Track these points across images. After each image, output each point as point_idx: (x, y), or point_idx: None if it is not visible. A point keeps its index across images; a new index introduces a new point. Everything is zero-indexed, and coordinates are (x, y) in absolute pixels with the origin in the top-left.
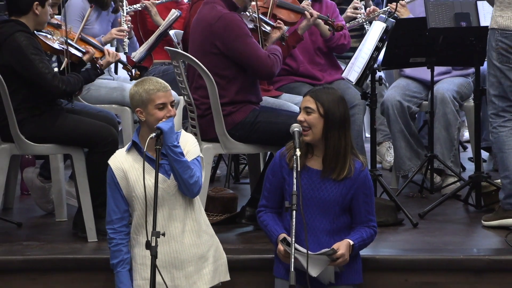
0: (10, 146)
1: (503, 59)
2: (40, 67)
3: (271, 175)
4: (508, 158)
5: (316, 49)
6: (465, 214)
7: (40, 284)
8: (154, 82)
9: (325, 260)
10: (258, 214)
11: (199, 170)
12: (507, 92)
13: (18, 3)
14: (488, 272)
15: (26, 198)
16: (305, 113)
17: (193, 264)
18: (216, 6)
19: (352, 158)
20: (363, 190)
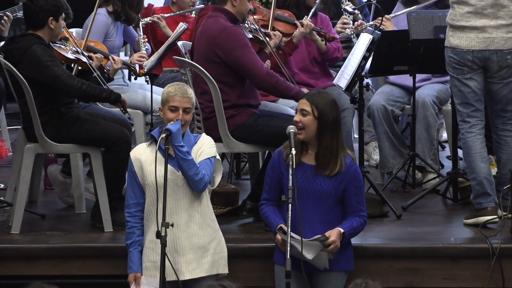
0: (34, 145)
1: (458, 72)
2: (55, 71)
3: (271, 171)
4: (475, 162)
5: (312, 59)
6: (444, 207)
7: (61, 270)
8: (177, 86)
9: (318, 245)
10: (261, 207)
11: (209, 169)
12: (468, 98)
13: (34, 19)
14: (464, 259)
15: (49, 192)
16: (301, 115)
17: (193, 252)
18: (219, 19)
19: (343, 154)
20: (354, 183)
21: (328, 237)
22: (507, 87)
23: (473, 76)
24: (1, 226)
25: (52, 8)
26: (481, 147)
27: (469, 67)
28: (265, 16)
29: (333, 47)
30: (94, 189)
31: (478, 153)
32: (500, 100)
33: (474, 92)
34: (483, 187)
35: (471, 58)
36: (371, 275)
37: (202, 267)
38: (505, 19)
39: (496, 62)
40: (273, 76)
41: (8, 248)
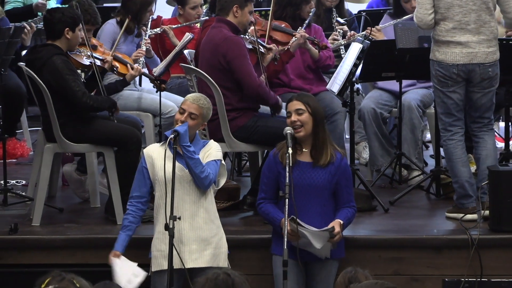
0: (53, 145)
1: (443, 84)
2: (73, 86)
3: (267, 172)
4: (456, 166)
5: (306, 67)
6: (427, 201)
7: (77, 259)
8: (194, 94)
9: (327, 236)
10: (259, 206)
11: (214, 169)
12: (451, 109)
13: (52, 29)
14: (446, 249)
15: (67, 188)
16: (297, 114)
17: (196, 244)
18: (223, 29)
19: (332, 148)
20: (344, 176)
21: (333, 228)
22: (486, 96)
23: (456, 89)
24: (23, 219)
25: (68, 20)
26: (462, 153)
27: (454, 80)
28: (264, 26)
29: (325, 55)
30: (107, 185)
31: (459, 159)
32: (479, 108)
33: (456, 103)
34: (464, 189)
35: (456, 71)
36: (361, 264)
37: (203, 258)
38: (486, 34)
39: (479, 74)
40: (262, 87)
41: (29, 239)
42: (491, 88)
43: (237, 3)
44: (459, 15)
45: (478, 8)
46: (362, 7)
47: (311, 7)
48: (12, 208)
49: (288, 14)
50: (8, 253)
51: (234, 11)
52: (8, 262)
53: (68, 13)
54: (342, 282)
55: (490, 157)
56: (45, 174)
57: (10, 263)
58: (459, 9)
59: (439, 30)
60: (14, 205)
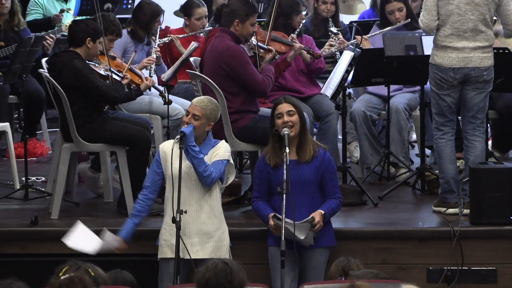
0: (70, 145)
1: (439, 87)
2: (95, 82)
3: (258, 173)
4: (445, 164)
5: (299, 71)
6: (413, 196)
7: None
8: (199, 97)
9: (308, 226)
10: (252, 203)
11: (219, 169)
12: (444, 111)
13: (75, 37)
14: (430, 240)
15: (82, 184)
16: (288, 115)
17: (199, 237)
18: (225, 39)
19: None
20: (328, 169)
21: (313, 218)
22: (479, 96)
23: (450, 93)
24: (43, 212)
25: (91, 31)
26: (451, 151)
27: (450, 84)
28: (263, 37)
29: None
30: (119, 181)
31: (448, 157)
32: (472, 107)
33: (449, 106)
34: (449, 185)
35: (453, 75)
36: (353, 253)
37: (205, 250)
38: (482, 42)
39: (474, 77)
40: (269, 85)
41: (49, 231)
42: (485, 89)
43: (238, 18)
44: (458, 23)
45: (475, 18)
46: (354, 17)
47: (302, 17)
48: (33, 203)
49: (280, 24)
50: (29, 244)
51: (235, 25)
52: (29, 252)
53: (91, 25)
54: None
55: (477, 161)
56: (63, 171)
57: (31, 252)
58: (458, 17)
59: (438, 35)
60: (34, 199)
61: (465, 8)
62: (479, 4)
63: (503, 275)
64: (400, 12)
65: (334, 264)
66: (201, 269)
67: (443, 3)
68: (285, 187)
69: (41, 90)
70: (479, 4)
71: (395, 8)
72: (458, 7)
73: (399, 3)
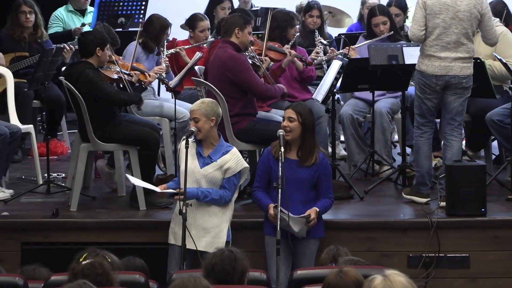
0: (87, 145)
1: (422, 91)
2: (105, 88)
3: (261, 165)
4: (421, 159)
5: (293, 78)
6: (395, 191)
7: (107, 238)
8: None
9: (303, 221)
10: (253, 192)
11: (233, 188)
12: (424, 113)
13: (86, 49)
14: (410, 230)
15: (98, 180)
16: (288, 121)
17: (197, 230)
18: (227, 49)
19: (317, 150)
20: (325, 172)
21: (309, 215)
22: (458, 100)
23: (432, 98)
24: (63, 205)
25: (99, 41)
26: (428, 149)
27: (432, 89)
28: (260, 47)
29: (308, 68)
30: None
31: (424, 154)
32: (451, 110)
33: (430, 109)
34: (423, 178)
35: (435, 81)
36: (341, 242)
37: (200, 243)
38: (463, 53)
39: (454, 83)
40: (269, 89)
41: (68, 222)
42: (464, 95)
43: (237, 26)
44: (442, 35)
45: (459, 32)
46: (343, 30)
47: (296, 30)
48: (54, 196)
49: (276, 36)
50: (51, 233)
51: (236, 33)
52: (51, 240)
53: (98, 35)
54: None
55: (453, 159)
56: (81, 168)
57: (53, 241)
58: (443, 30)
59: (425, 45)
60: (55, 194)
61: (450, 22)
62: (463, 19)
63: (475, 261)
64: (385, 25)
65: (325, 252)
66: (209, 255)
67: (431, 16)
68: (280, 182)
69: (61, 95)
70: (463, 19)
71: (380, 22)
72: (444, 21)
73: (384, 17)
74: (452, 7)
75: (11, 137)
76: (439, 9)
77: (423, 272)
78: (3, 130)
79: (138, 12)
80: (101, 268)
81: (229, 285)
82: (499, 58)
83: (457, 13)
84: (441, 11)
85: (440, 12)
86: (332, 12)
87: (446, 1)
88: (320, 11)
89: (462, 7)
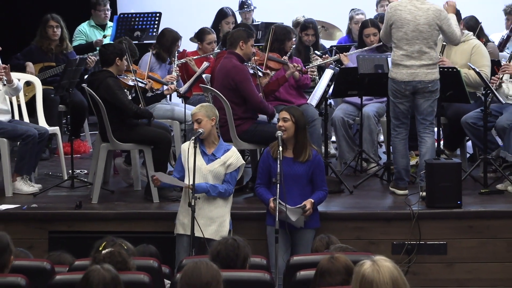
0: (107, 144)
1: (394, 96)
2: (121, 98)
3: (262, 164)
4: (398, 158)
5: (290, 86)
6: (381, 186)
7: (125, 227)
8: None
9: (300, 211)
10: (256, 188)
11: (234, 180)
12: (398, 116)
13: (106, 59)
14: (394, 220)
15: (116, 176)
16: (283, 121)
17: (204, 220)
18: (232, 59)
19: (310, 148)
20: (318, 167)
21: (305, 205)
22: (427, 102)
23: (403, 102)
24: (85, 198)
25: (118, 51)
26: (403, 148)
27: (402, 94)
28: (262, 57)
29: (304, 77)
30: (146, 174)
31: (400, 152)
32: (422, 112)
33: (403, 112)
34: (400, 174)
35: (404, 86)
36: (333, 231)
37: (207, 231)
38: (426, 60)
39: (421, 88)
40: (263, 103)
41: (90, 213)
42: (432, 97)
43: (242, 39)
44: (406, 46)
45: (420, 42)
46: (334, 42)
47: (292, 43)
48: (77, 190)
49: (275, 48)
50: (75, 223)
51: (240, 45)
52: (74, 229)
53: (117, 46)
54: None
55: (428, 153)
56: (101, 165)
57: (76, 230)
58: (407, 42)
59: (394, 55)
60: (78, 188)
61: (412, 34)
62: (423, 31)
63: (451, 248)
64: (375, 37)
65: (318, 240)
66: (214, 243)
67: (395, 30)
68: (279, 178)
69: (84, 100)
70: (423, 31)
71: (370, 33)
72: (406, 34)
73: (374, 29)
74: (412, 21)
75: (40, 138)
76: (401, 24)
77: (406, 258)
78: (32, 132)
79: (152, 26)
80: (120, 256)
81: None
82: (473, 67)
83: (417, 26)
84: (403, 25)
85: (402, 26)
86: (325, 26)
87: (407, 16)
88: (315, 30)
89: (421, 21)
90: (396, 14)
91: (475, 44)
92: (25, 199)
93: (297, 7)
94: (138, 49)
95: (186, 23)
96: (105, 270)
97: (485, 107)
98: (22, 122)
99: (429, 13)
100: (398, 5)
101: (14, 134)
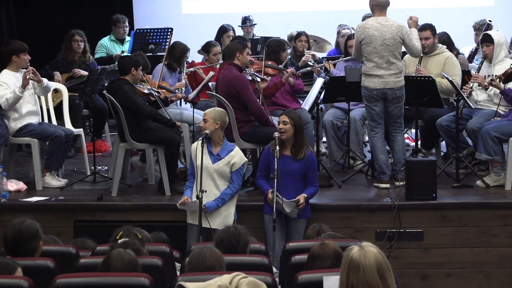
0: (124, 144)
1: (368, 101)
2: (137, 101)
3: (263, 158)
4: (377, 154)
5: (286, 91)
6: (366, 180)
7: (141, 217)
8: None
9: (294, 204)
10: (256, 180)
11: (239, 180)
12: (374, 117)
13: (124, 68)
14: (378, 211)
15: (133, 172)
16: (283, 124)
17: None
18: (232, 70)
19: (306, 147)
20: (312, 166)
21: (299, 200)
22: (396, 108)
23: (377, 104)
24: (106, 191)
25: (134, 62)
26: (381, 145)
27: (375, 98)
28: (259, 65)
29: (298, 82)
30: (159, 170)
31: (378, 149)
32: (392, 116)
33: (378, 113)
34: (382, 169)
35: (376, 93)
36: (324, 221)
37: (214, 222)
38: (394, 70)
39: (390, 94)
40: (261, 109)
41: (110, 205)
42: (399, 103)
43: (238, 50)
44: (376, 58)
45: (388, 54)
46: (323, 54)
47: (287, 54)
48: (99, 184)
49: (271, 58)
50: (97, 213)
51: (237, 56)
52: (97, 219)
53: (133, 58)
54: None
55: (400, 151)
56: (120, 162)
57: (98, 219)
58: (376, 55)
59: (365, 67)
60: (100, 182)
61: (380, 48)
62: (389, 45)
63: (428, 235)
64: None
65: (310, 228)
66: (218, 231)
67: (365, 46)
68: (276, 174)
69: (105, 105)
70: (389, 45)
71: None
72: (375, 48)
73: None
74: (379, 37)
75: (66, 138)
76: (370, 40)
77: (388, 244)
78: (59, 133)
79: (164, 40)
80: (134, 245)
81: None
82: (446, 76)
83: (384, 40)
84: (372, 41)
85: (371, 42)
86: (316, 40)
87: (374, 33)
88: (307, 37)
89: (387, 36)
90: (365, 32)
91: (447, 56)
92: (53, 192)
93: (291, 24)
94: (152, 60)
95: (194, 37)
96: (125, 253)
97: (457, 111)
98: (50, 124)
99: (393, 28)
100: (365, 24)
101: (44, 135)
